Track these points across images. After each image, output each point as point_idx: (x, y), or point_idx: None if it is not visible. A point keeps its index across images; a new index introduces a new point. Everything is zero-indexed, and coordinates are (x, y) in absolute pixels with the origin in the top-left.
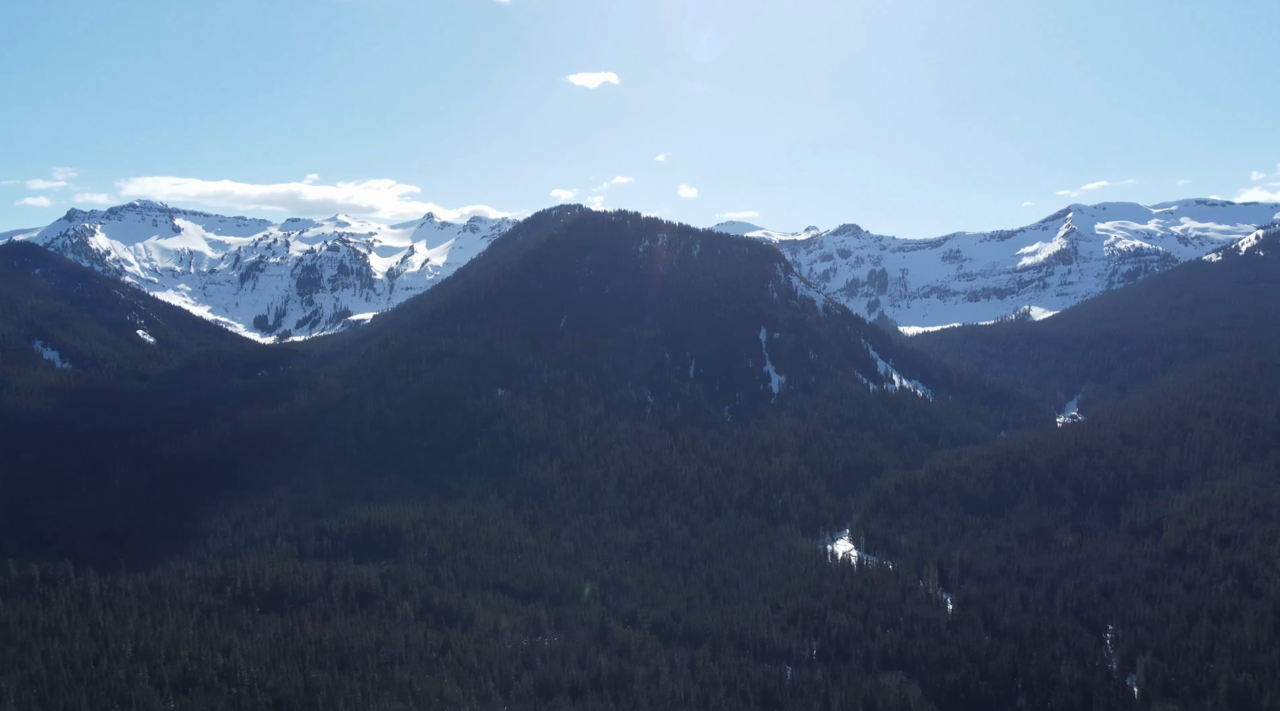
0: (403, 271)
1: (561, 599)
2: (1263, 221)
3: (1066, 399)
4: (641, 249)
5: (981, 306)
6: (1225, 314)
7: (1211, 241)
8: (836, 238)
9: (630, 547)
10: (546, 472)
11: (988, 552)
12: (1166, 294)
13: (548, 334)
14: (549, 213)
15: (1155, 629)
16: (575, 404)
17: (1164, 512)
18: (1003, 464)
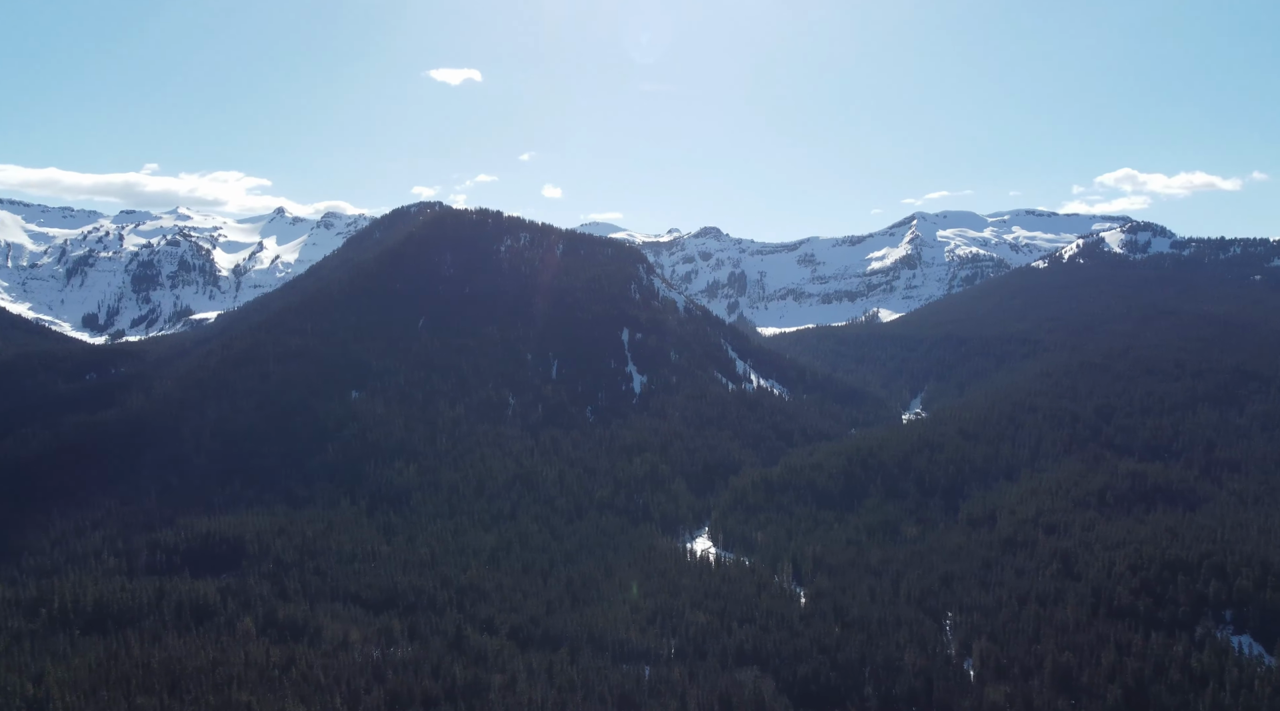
0: (250, 268)
1: (416, 607)
2: (1082, 231)
3: (911, 396)
4: (504, 248)
5: (834, 308)
6: (1050, 317)
7: (1039, 249)
8: (698, 240)
9: (489, 552)
10: (403, 477)
11: (839, 546)
12: (1000, 298)
13: (405, 334)
14: (408, 210)
15: (989, 614)
16: (434, 406)
17: (998, 503)
18: (853, 460)
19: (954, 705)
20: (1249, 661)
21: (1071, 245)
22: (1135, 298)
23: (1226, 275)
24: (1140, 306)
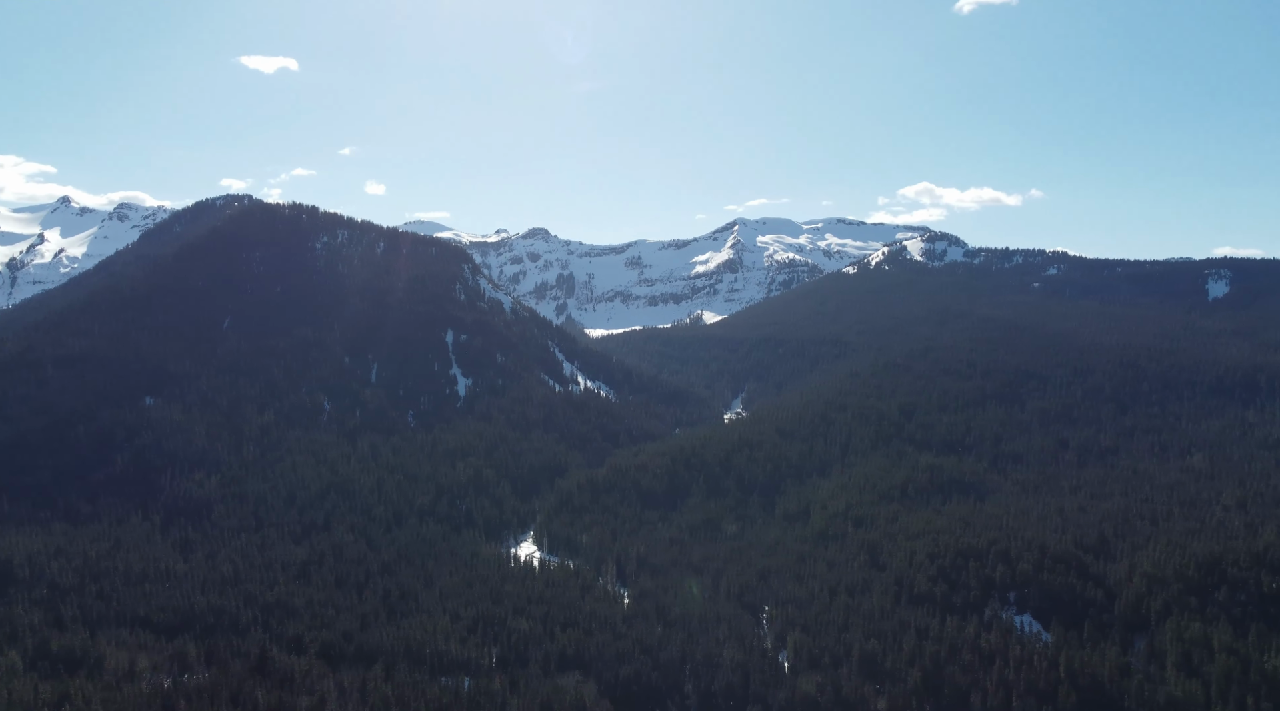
0: (29, 263)
1: (216, 629)
2: (888, 240)
3: (733, 396)
4: (319, 246)
5: (661, 310)
6: (859, 320)
7: (849, 256)
8: (526, 241)
9: (299, 565)
10: (203, 489)
11: (662, 545)
12: (814, 302)
13: (208, 336)
14: (214, 203)
15: (803, 606)
16: (240, 412)
17: (812, 499)
18: (677, 460)
19: (769, 697)
20: (1029, 638)
21: (878, 253)
22: (934, 302)
23: (1011, 282)
24: (938, 310)
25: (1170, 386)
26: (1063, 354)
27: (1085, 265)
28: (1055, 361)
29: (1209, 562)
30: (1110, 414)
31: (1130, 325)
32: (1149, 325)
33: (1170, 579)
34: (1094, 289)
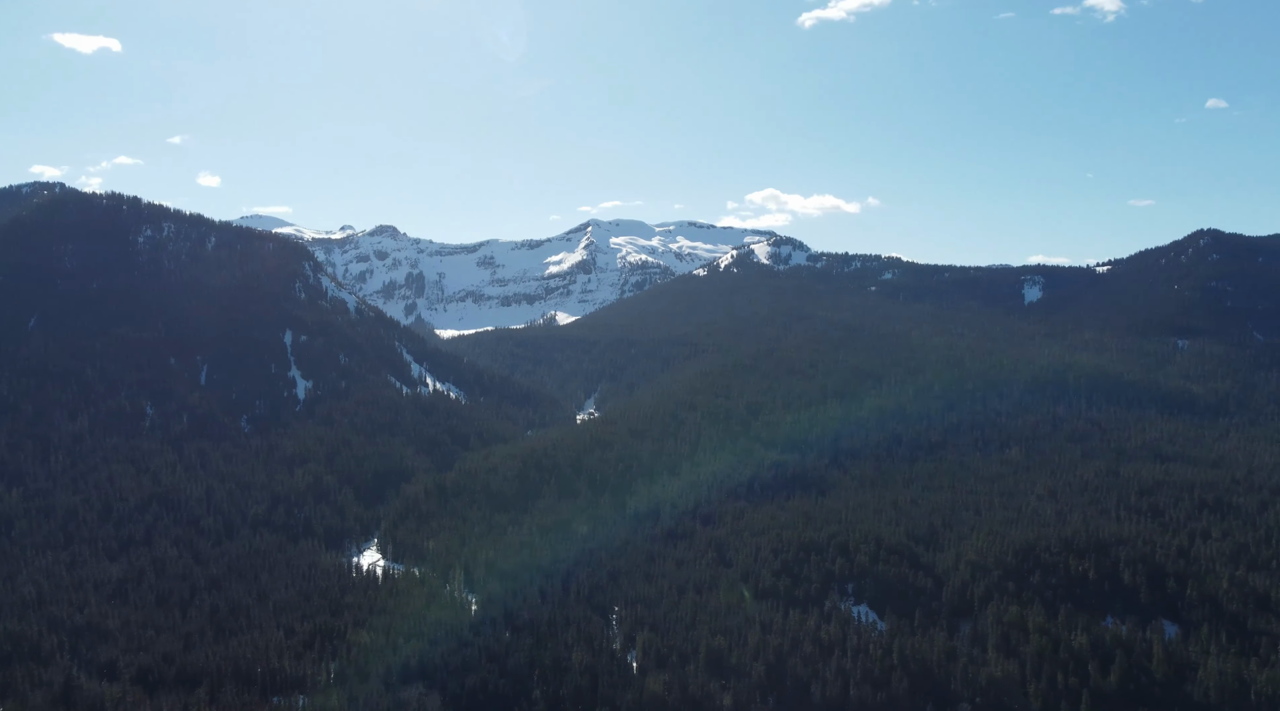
0: None
1: (13, 658)
2: (736, 243)
3: (586, 397)
4: (142, 239)
5: (514, 311)
6: (709, 321)
7: (700, 258)
8: (374, 238)
9: (114, 584)
10: (3, 504)
11: (512, 549)
12: (666, 303)
13: (10, 335)
14: (19, 190)
15: (652, 605)
16: (48, 419)
17: (661, 498)
18: (528, 462)
19: (617, 698)
20: (866, 627)
21: (727, 255)
22: (779, 304)
23: (850, 285)
24: (783, 312)
25: (991, 384)
26: (897, 354)
27: (917, 270)
28: (890, 361)
29: (1024, 549)
30: (939, 410)
31: (957, 327)
32: (973, 327)
33: (991, 566)
34: (925, 292)
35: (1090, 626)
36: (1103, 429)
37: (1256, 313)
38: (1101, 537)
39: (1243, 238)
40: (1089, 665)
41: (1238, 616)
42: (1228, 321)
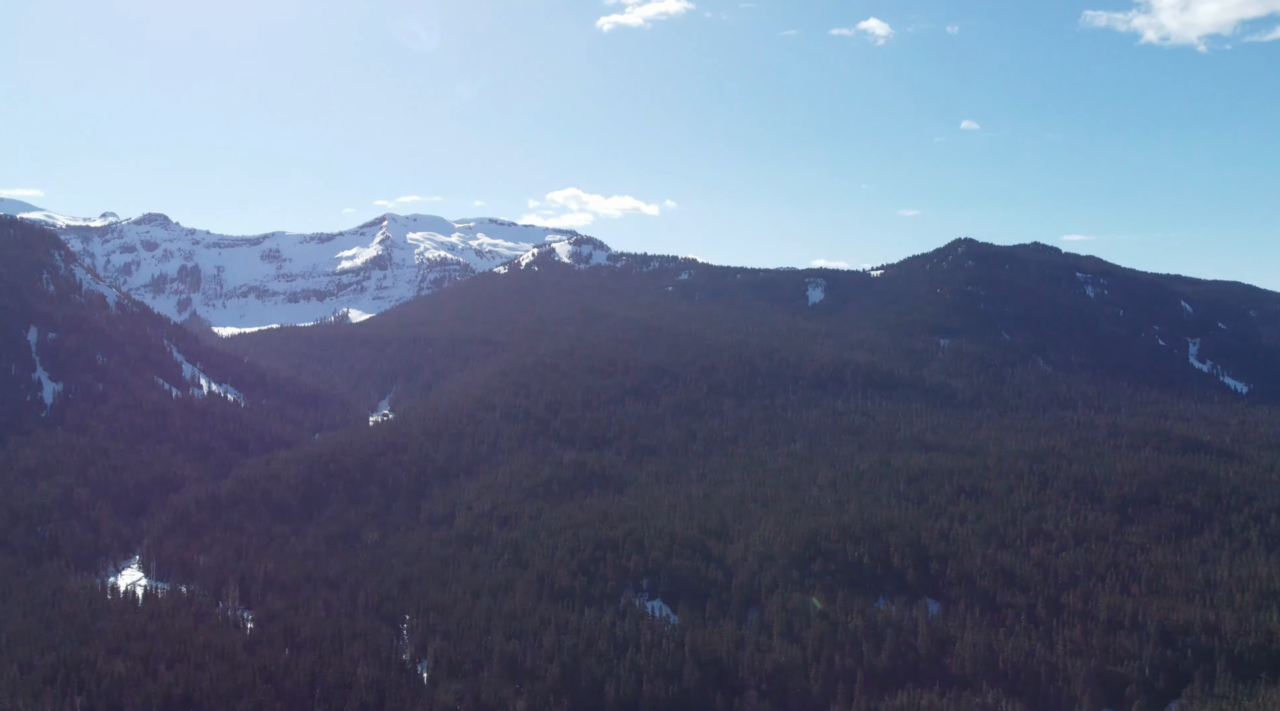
0: None
1: None
2: (538, 241)
3: (380, 398)
4: None
5: (302, 308)
6: (509, 319)
7: (501, 256)
8: (141, 227)
9: None
10: None
11: (294, 560)
12: (466, 301)
13: None
14: None
15: (445, 612)
16: None
17: (457, 500)
18: (314, 467)
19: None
20: (659, 622)
21: (528, 253)
22: (579, 303)
23: (649, 285)
24: (583, 311)
25: (778, 381)
26: (692, 352)
27: (711, 271)
28: (685, 359)
29: (807, 538)
30: (731, 407)
31: (747, 326)
32: (762, 326)
33: (777, 555)
34: (719, 293)
35: (865, 608)
36: (876, 422)
37: (1005, 315)
38: (875, 524)
39: (994, 247)
40: (863, 645)
41: (989, 592)
42: (981, 323)
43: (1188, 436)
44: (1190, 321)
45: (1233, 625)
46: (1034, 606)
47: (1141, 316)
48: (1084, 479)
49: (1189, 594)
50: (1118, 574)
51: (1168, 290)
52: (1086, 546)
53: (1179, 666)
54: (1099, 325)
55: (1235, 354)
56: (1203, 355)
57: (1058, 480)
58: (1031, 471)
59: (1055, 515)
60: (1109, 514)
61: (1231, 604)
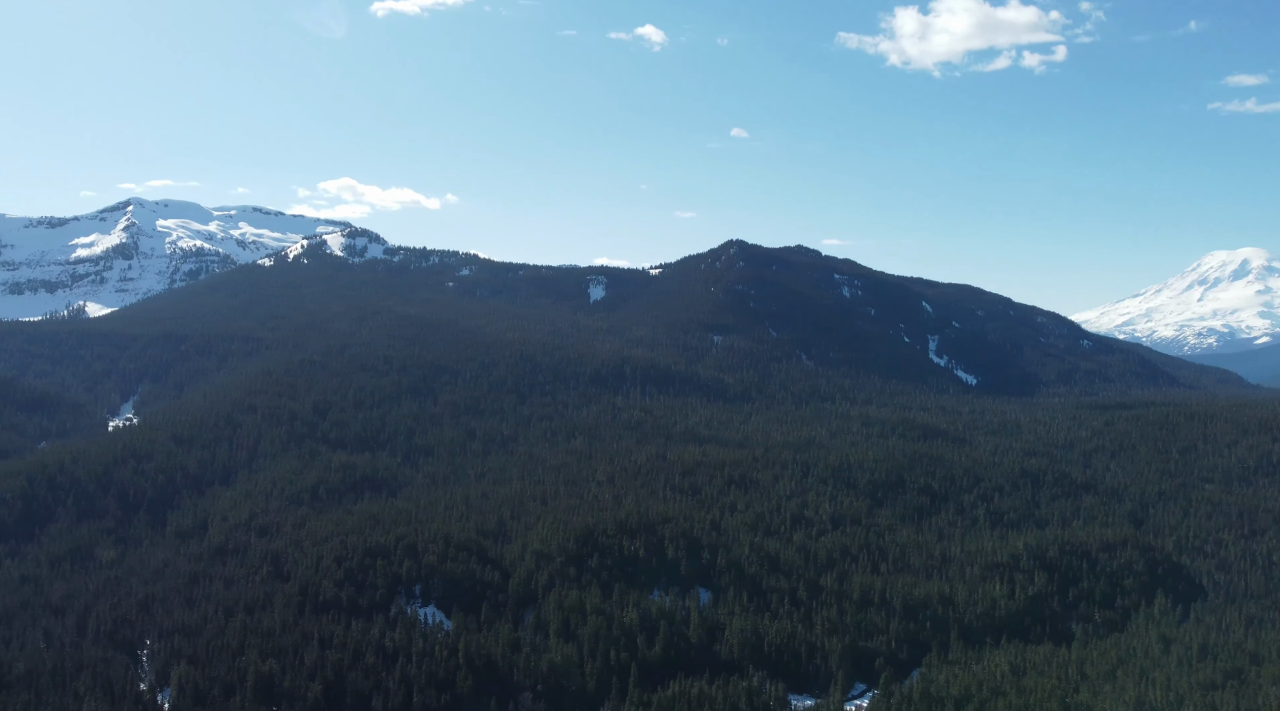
0: None
1: None
2: (308, 233)
3: (122, 401)
4: None
5: (28, 301)
6: (275, 315)
7: (266, 247)
8: None
9: None
10: None
11: (10, 586)
12: (225, 294)
13: None
14: None
15: (193, 634)
16: None
17: (210, 511)
18: (36, 480)
19: None
20: (432, 630)
21: (297, 245)
22: (353, 298)
23: (428, 281)
24: (357, 306)
25: (560, 378)
26: (472, 349)
27: (493, 267)
28: (465, 356)
29: (584, 534)
30: (511, 404)
31: (529, 323)
32: (544, 323)
33: (555, 553)
34: (501, 289)
35: (640, 601)
36: (654, 416)
37: (772, 313)
38: (650, 517)
39: (762, 248)
40: (637, 638)
41: (755, 578)
42: (751, 320)
43: (928, 425)
44: (930, 320)
45: (964, 596)
46: (796, 589)
47: (890, 315)
48: (840, 466)
49: (928, 569)
50: (869, 554)
51: (912, 291)
52: (842, 530)
53: (919, 637)
54: (854, 323)
55: (966, 350)
56: (940, 351)
57: (817, 468)
58: (795, 461)
59: (815, 502)
60: (862, 498)
61: (963, 577)
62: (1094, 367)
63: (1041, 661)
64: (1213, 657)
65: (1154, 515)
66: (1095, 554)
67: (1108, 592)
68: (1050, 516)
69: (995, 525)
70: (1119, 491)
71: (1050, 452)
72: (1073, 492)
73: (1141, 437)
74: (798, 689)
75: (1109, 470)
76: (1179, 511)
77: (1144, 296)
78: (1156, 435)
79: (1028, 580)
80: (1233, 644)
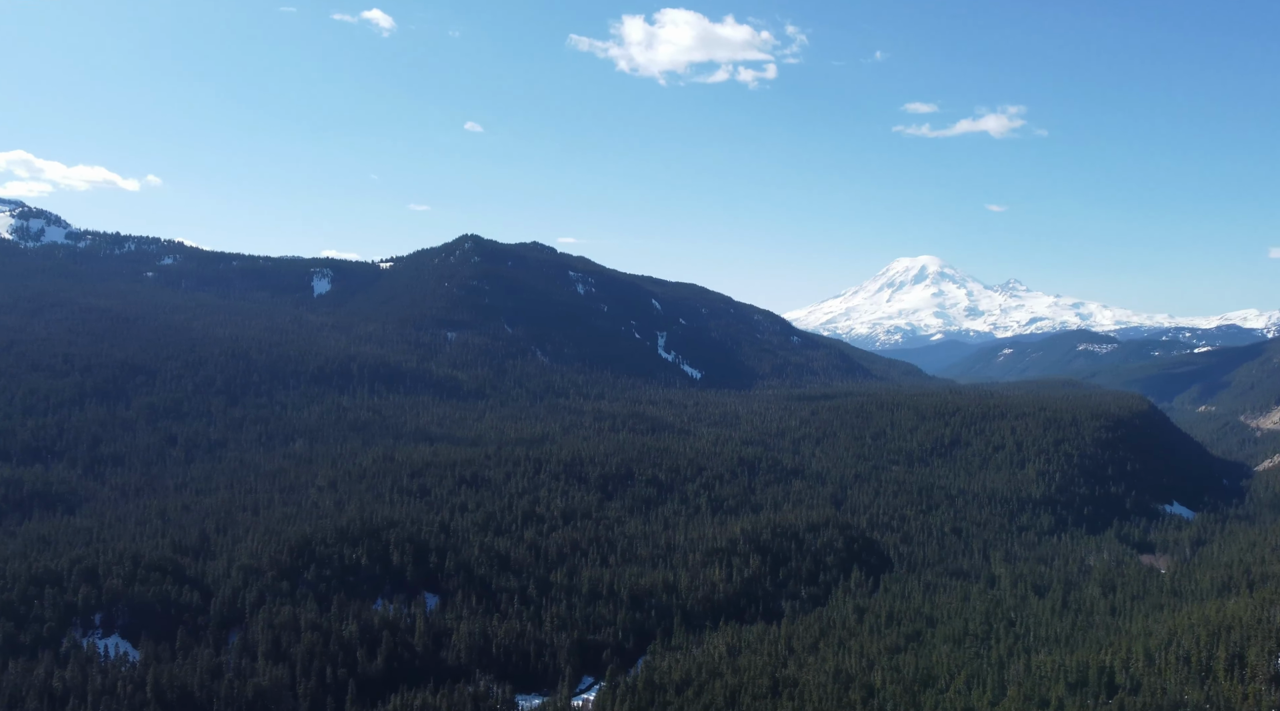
0: None
1: None
2: None
3: None
4: None
5: None
6: None
7: None
8: None
9: None
10: None
11: None
12: None
13: None
14: None
15: None
16: None
17: None
18: None
19: None
20: (114, 663)
21: None
22: (26, 288)
23: (123, 270)
24: (30, 297)
25: (278, 376)
26: (175, 347)
27: (202, 256)
28: (167, 354)
29: (300, 544)
30: (221, 406)
31: (243, 318)
32: (261, 318)
33: (265, 567)
34: (211, 281)
35: (361, 612)
36: (383, 416)
37: (507, 309)
38: (374, 523)
39: (498, 244)
40: (358, 652)
41: (485, 579)
42: (486, 316)
43: (656, 418)
44: (659, 317)
45: (686, 582)
46: (527, 587)
47: (622, 312)
48: (572, 461)
49: (655, 559)
50: (599, 547)
51: (642, 289)
52: (573, 524)
53: (645, 626)
54: (588, 319)
55: (692, 345)
56: (669, 346)
57: (550, 464)
58: (528, 457)
59: (547, 498)
60: (593, 492)
61: (686, 564)
62: (802, 361)
63: (754, 640)
64: (897, 623)
65: (851, 496)
66: (802, 534)
67: (812, 570)
68: (764, 501)
69: (716, 512)
70: (823, 475)
71: (765, 441)
72: (784, 478)
73: (841, 425)
74: (526, 688)
75: (814, 456)
76: (871, 491)
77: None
78: (853, 422)
79: (744, 563)
80: (913, 609)
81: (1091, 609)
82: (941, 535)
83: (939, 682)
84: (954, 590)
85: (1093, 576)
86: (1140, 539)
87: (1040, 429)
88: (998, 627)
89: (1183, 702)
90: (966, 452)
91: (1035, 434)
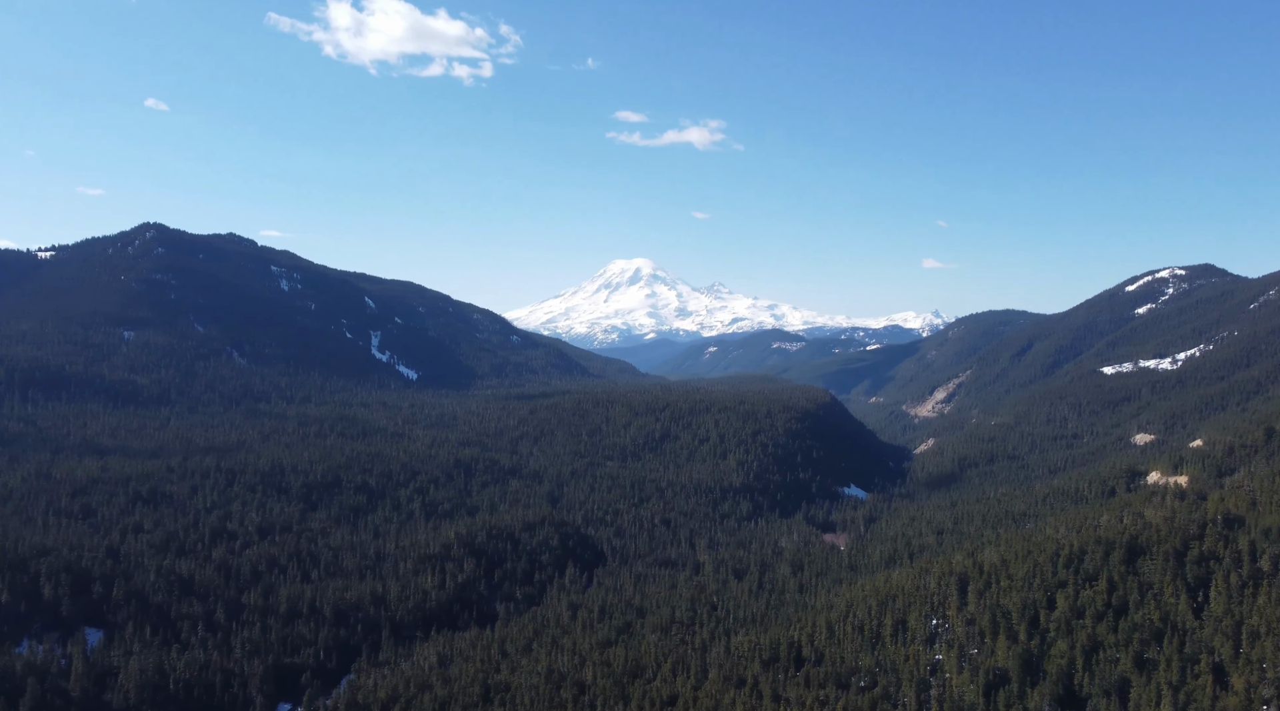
0: None
1: None
2: None
3: None
4: None
5: None
6: None
7: None
8: None
9: None
10: None
11: None
12: None
13: None
14: None
15: None
16: None
17: None
18: None
19: None
20: None
21: None
22: None
23: None
24: None
25: None
26: None
27: None
28: None
29: None
30: None
31: None
32: None
33: None
34: None
35: (1, 657)
36: (38, 427)
37: (198, 306)
38: (21, 552)
39: (187, 234)
40: None
41: (163, 606)
42: (172, 313)
43: (367, 421)
44: (373, 316)
45: (396, 592)
46: (213, 612)
47: (332, 310)
48: (271, 471)
49: (362, 571)
50: (299, 562)
51: (355, 287)
52: (271, 539)
53: (350, 642)
54: (293, 318)
55: (408, 345)
56: (383, 346)
57: (245, 474)
58: (219, 468)
59: (241, 511)
60: (294, 503)
61: (396, 573)
62: (522, 361)
63: (467, 646)
64: (609, 616)
65: (568, 493)
66: (519, 534)
67: (528, 570)
68: (481, 503)
69: (430, 517)
70: (540, 473)
71: (482, 441)
72: (501, 478)
73: (559, 423)
74: None
75: (532, 454)
76: (587, 487)
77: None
78: (570, 420)
79: (458, 568)
80: (625, 601)
81: (783, 588)
82: (652, 527)
83: (647, 672)
84: (663, 579)
85: (784, 557)
86: (824, 519)
87: (740, 421)
88: (701, 613)
89: (857, 668)
90: (675, 445)
91: (736, 426)
